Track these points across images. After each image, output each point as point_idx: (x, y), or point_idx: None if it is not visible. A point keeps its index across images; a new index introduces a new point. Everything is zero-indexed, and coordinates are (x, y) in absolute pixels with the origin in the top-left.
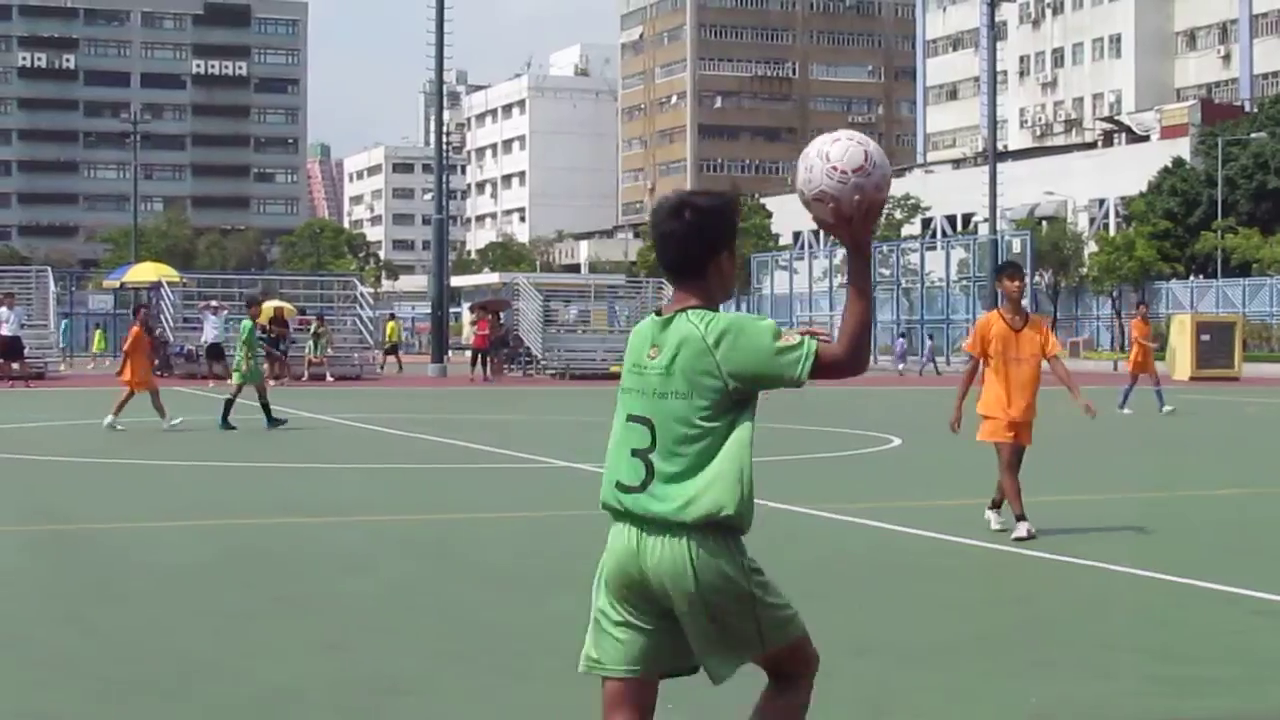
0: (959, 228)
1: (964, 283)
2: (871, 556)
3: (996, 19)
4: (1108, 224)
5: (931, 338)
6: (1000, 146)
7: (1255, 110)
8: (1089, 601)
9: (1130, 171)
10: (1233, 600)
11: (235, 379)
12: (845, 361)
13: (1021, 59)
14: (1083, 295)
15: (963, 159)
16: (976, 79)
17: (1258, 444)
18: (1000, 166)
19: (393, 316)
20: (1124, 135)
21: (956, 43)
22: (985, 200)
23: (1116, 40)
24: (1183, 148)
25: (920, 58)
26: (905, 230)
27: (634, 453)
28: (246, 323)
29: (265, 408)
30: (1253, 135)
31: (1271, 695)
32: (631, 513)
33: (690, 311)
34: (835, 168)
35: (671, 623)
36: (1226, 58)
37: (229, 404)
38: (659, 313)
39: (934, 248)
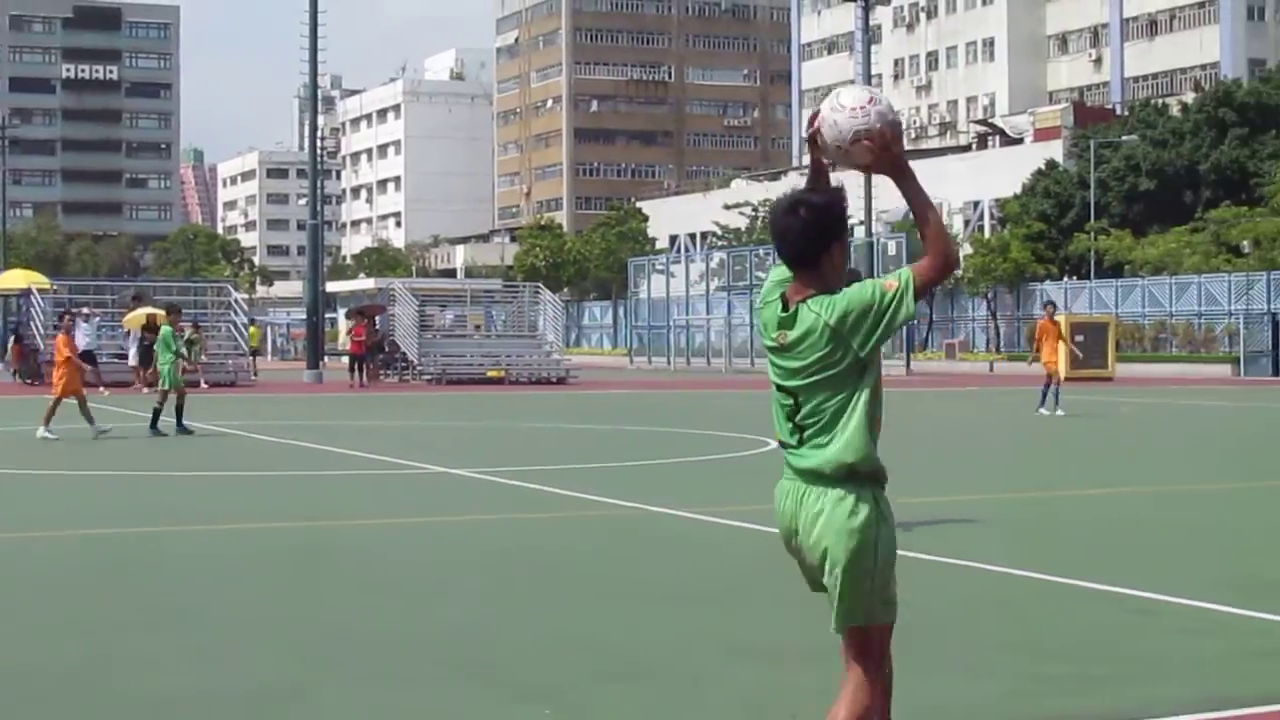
0: None
1: None
2: (750, 559)
3: (871, 23)
4: (983, 226)
5: None
6: None
7: (1126, 113)
8: (965, 601)
9: (1004, 174)
10: (1105, 598)
11: (165, 384)
12: (939, 268)
13: (896, 62)
14: (958, 297)
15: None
16: (852, 82)
17: (1131, 444)
18: None
19: (253, 321)
20: (998, 138)
21: (831, 46)
22: (861, 203)
23: (990, 44)
24: (1056, 150)
25: (795, 61)
26: None
27: (786, 416)
28: (166, 329)
29: (179, 411)
30: (1124, 138)
31: (1143, 693)
32: (792, 466)
33: (810, 301)
34: (854, 109)
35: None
36: (1098, 61)
37: (157, 412)
38: (784, 298)
39: None
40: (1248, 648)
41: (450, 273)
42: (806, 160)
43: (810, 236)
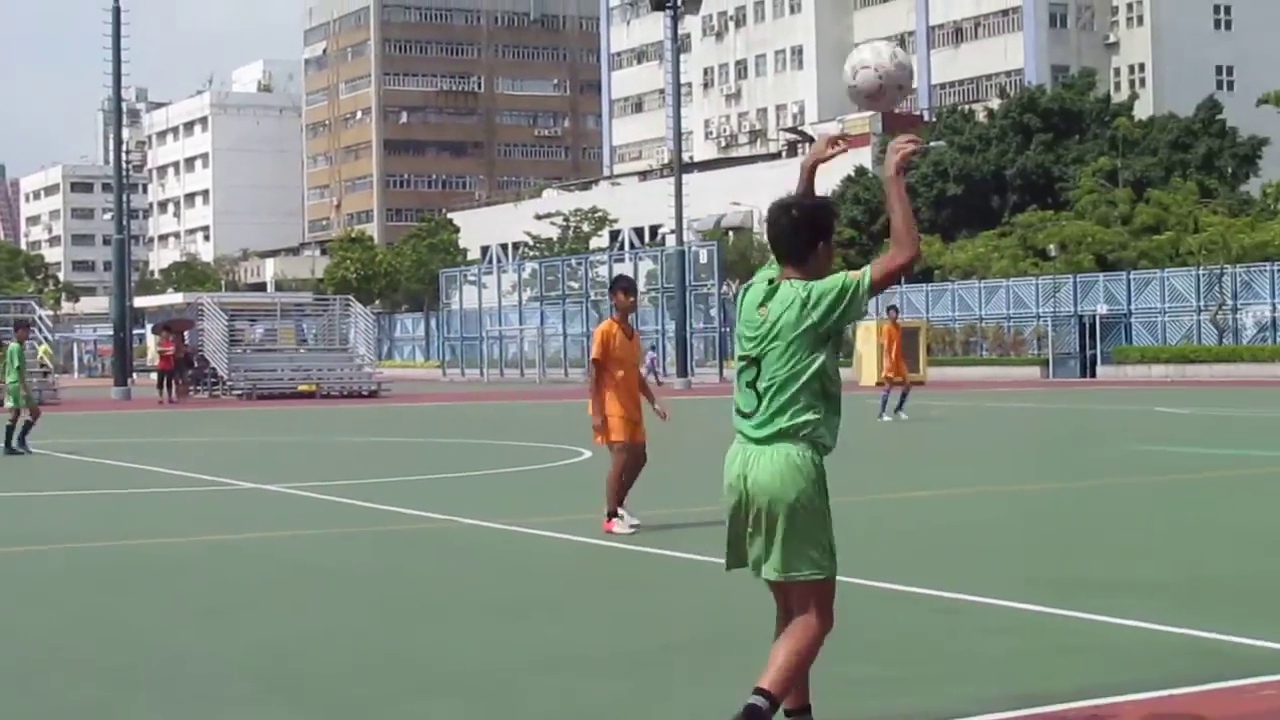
0: (647, 239)
1: (653, 294)
2: (560, 570)
3: (680, 32)
4: None
5: (653, 349)
6: (686, 158)
7: (934, 119)
8: (771, 608)
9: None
10: (910, 600)
11: (11, 403)
12: (903, 262)
13: (706, 71)
14: None
15: (649, 171)
16: (661, 91)
17: (939, 447)
18: (686, 178)
19: (44, 340)
20: (807, 145)
21: (641, 55)
22: (672, 212)
23: (798, 52)
24: (865, 157)
25: (605, 71)
26: (593, 243)
27: (747, 385)
28: (14, 346)
29: (25, 429)
30: (932, 144)
31: (950, 692)
32: (743, 434)
33: (794, 280)
34: (891, 57)
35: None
36: None
37: (9, 430)
38: (771, 281)
39: (622, 260)
40: (1052, 645)
41: (260, 286)
42: (619, 169)
43: (800, 235)
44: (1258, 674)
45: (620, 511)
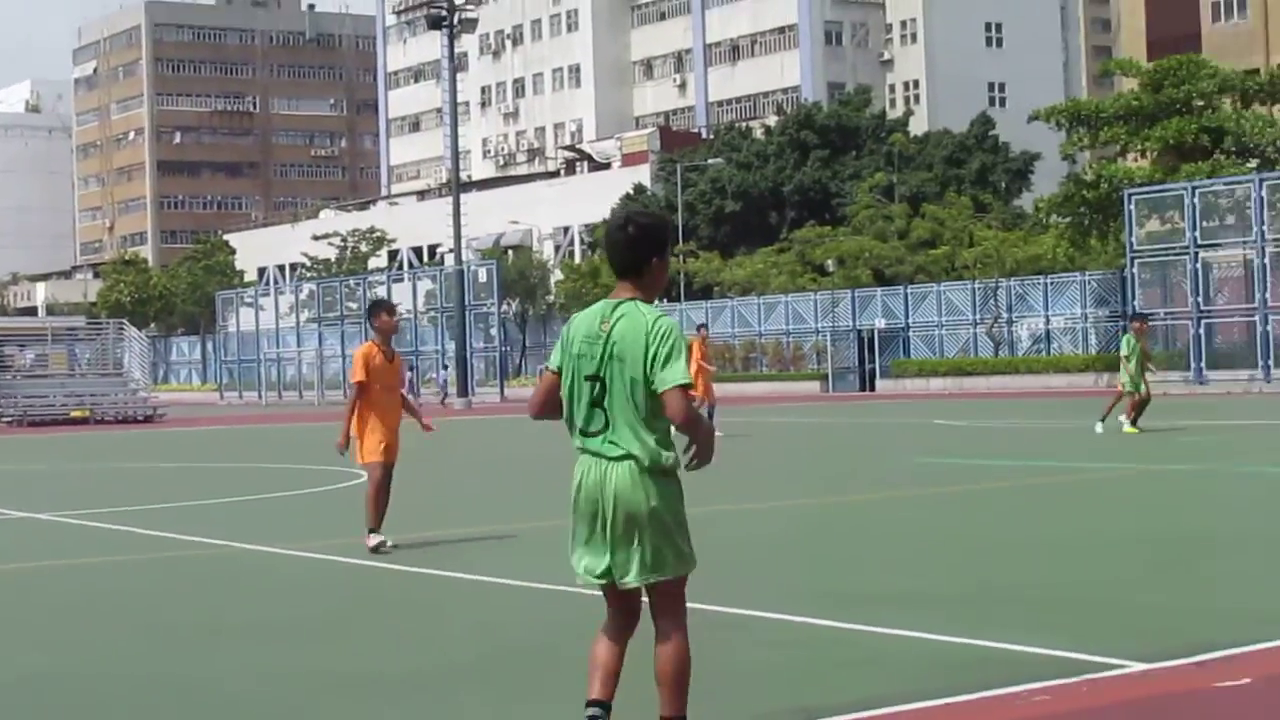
0: (425, 259)
1: (432, 314)
2: (339, 593)
3: (457, 50)
4: (573, 251)
5: (446, 367)
6: (464, 177)
7: (712, 137)
8: (554, 627)
9: (593, 199)
10: (693, 615)
11: None
12: (682, 419)
13: (483, 89)
14: (550, 323)
15: (428, 190)
16: (439, 110)
17: (719, 463)
18: (465, 197)
19: None
20: (586, 163)
21: (418, 74)
22: (450, 231)
23: (576, 70)
24: (643, 174)
25: (382, 90)
26: (372, 263)
27: (592, 404)
28: None
29: None
30: (710, 161)
31: (734, 707)
32: (593, 451)
33: (637, 301)
34: None
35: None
36: (683, 86)
37: None
38: (603, 306)
39: (401, 280)
40: (833, 658)
41: (31, 311)
42: (397, 189)
43: (637, 249)
44: (1032, 680)
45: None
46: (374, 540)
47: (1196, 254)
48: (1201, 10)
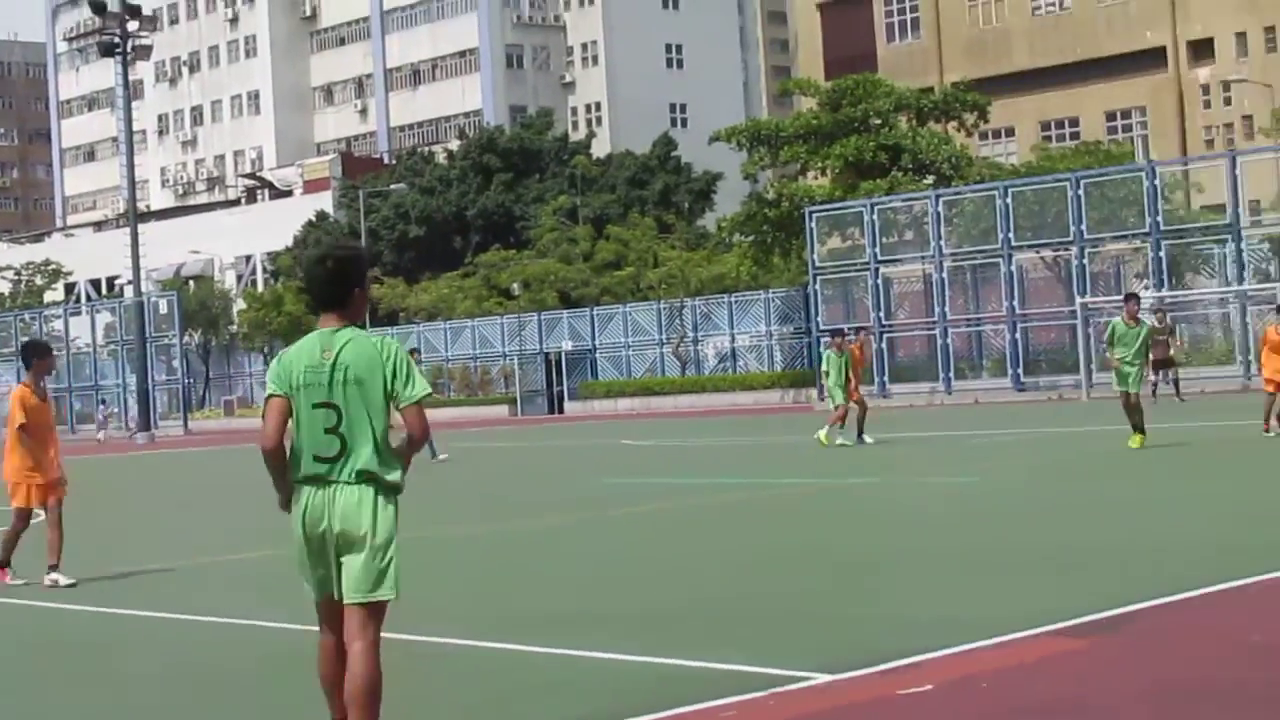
0: (104, 291)
1: (112, 347)
2: (18, 636)
3: (132, 78)
4: (255, 280)
5: (104, 403)
6: (142, 207)
7: (394, 162)
8: (264, 660)
9: (275, 227)
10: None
11: None
12: (421, 433)
13: (160, 118)
14: (234, 353)
15: (105, 221)
16: (115, 139)
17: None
18: (143, 227)
19: None
20: (267, 191)
21: (93, 103)
22: (129, 262)
23: (255, 97)
24: (326, 201)
25: (55, 119)
26: (48, 297)
27: (326, 430)
28: None
29: None
30: (393, 186)
31: None
32: (322, 476)
33: (355, 329)
34: None
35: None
36: (364, 111)
37: None
38: (333, 330)
39: (79, 313)
40: (526, 682)
41: None
42: (72, 220)
43: (337, 283)
44: (719, 696)
45: (53, 573)
46: (10, 577)
47: (877, 269)
48: (877, 31)
